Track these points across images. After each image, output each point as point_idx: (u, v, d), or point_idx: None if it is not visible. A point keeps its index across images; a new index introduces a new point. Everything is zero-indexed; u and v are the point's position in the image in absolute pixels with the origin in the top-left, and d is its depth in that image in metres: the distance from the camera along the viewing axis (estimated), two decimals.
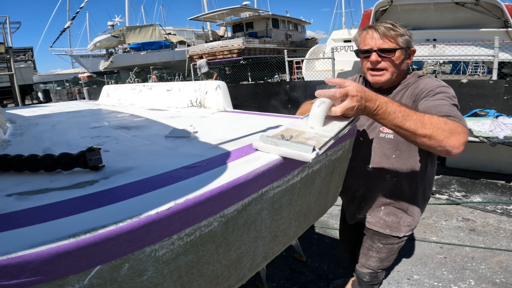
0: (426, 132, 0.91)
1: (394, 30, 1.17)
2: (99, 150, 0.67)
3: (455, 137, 0.92)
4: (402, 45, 1.18)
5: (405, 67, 1.24)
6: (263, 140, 0.78)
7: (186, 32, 27.43)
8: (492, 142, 3.19)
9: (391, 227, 1.37)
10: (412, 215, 1.35)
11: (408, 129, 0.90)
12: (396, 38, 1.17)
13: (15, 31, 10.15)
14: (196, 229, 0.56)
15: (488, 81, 4.24)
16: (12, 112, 2.02)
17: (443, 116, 0.97)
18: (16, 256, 0.36)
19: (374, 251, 1.45)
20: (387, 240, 1.39)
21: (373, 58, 1.19)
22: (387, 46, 1.17)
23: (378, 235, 1.41)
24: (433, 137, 0.91)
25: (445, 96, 1.10)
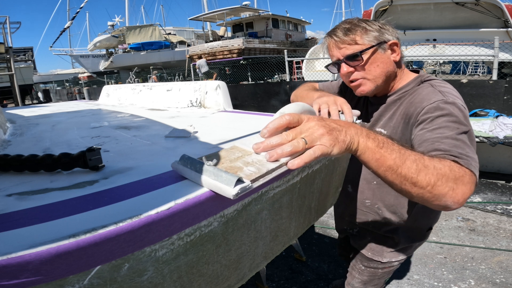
0: (429, 180, 0.65)
1: (351, 30, 0.95)
2: (99, 150, 0.67)
3: (461, 188, 0.68)
4: (369, 44, 0.94)
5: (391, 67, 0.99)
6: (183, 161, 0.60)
7: (186, 32, 27.44)
8: (492, 142, 3.20)
9: (373, 251, 1.22)
10: (399, 242, 1.17)
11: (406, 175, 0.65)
12: (355, 38, 0.95)
13: (15, 31, 10.17)
14: (196, 229, 0.56)
15: (488, 81, 4.24)
16: (12, 112, 2.02)
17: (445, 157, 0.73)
18: (16, 256, 0.36)
19: (356, 271, 1.32)
20: (369, 263, 1.25)
21: (344, 71, 0.99)
22: (349, 52, 0.95)
23: (360, 255, 1.28)
24: (435, 188, 0.66)
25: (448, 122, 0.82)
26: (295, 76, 11.30)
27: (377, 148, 0.64)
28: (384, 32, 0.97)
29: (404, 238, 1.16)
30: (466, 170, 0.71)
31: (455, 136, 0.79)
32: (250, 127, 1.11)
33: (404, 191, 0.69)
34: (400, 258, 1.21)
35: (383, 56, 0.97)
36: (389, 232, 1.17)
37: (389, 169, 0.65)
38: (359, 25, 0.96)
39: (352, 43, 0.95)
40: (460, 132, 0.80)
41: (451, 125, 0.81)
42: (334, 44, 0.99)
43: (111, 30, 23.42)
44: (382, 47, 0.96)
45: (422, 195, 0.67)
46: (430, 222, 1.18)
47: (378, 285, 1.31)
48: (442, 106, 0.86)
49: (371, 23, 0.97)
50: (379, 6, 7.32)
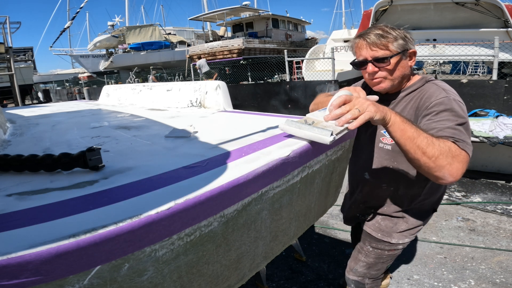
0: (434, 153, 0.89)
1: (384, 37, 1.11)
2: (99, 150, 0.67)
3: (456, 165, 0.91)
4: (397, 51, 1.11)
5: (407, 71, 1.18)
6: (288, 123, 0.92)
7: (186, 32, 27.43)
8: (492, 142, 3.20)
9: (383, 231, 1.34)
10: (408, 222, 1.31)
11: (419, 145, 0.89)
12: (387, 45, 1.11)
13: (15, 31, 10.16)
14: (196, 229, 0.56)
15: (488, 81, 4.24)
16: (12, 112, 2.02)
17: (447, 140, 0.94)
18: (16, 256, 0.36)
19: (363, 254, 1.41)
20: (378, 244, 1.36)
21: (370, 69, 1.15)
22: (379, 55, 1.11)
23: (369, 237, 1.38)
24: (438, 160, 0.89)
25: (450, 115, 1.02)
26: (295, 76, 11.29)
27: (402, 122, 0.91)
28: (408, 41, 1.14)
29: (413, 218, 1.31)
30: (461, 151, 0.93)
31: (454, 126, 0.99)
32: (250, 127, 1.11)
33: (415, 159, 0.92)
34: (406, 241, 1.34)
35: (404, 62, 1.15)
36: (401, 213, 1.31)
37: (408, 139, 0.91)
38: (390, 33, 1.12)
39: (383, 48, 1.11)
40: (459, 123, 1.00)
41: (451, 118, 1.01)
42: (366, 45, 1.14)
43: (111, 30, 23.41)
44: (405, 54, 1.14)
45: (428, 164, 0.91)
46: (435, 204, 1.33)
47: (380, 270, 1.41)
48: (446, 102, 1.05)
49: (399, 32, 1.13)
50: (379, 6, 7.33)
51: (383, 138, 1.25)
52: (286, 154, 0.77)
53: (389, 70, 1.14)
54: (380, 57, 1.11)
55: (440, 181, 0.94)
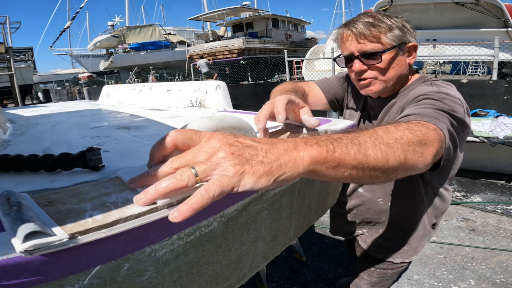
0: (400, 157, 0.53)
1: (375, 26, 0.87)
2: (99, 150, 0.67)
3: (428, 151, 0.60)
4: (392, 44, 0.88)
5: (404, 71, 0.95)
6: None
7: (186, 32, 27.44)
8: (492, 142, 3.20)
9: (384, 252, 1.18)
10: (410, 243, 1.14)
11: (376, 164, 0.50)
12: (379, 36, 0.87)
13: (15, 31, 10.17)
14: (196, 229, 0.56)
15: (488, 81, 4.24)
16: (12, 112, 2.02)
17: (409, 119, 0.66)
18: (16, 256, 0.36)
19: (366, 273, 1.26)
20: (379, 264, 1.20)
21: (357, 68, 0.91)
22: (368, 49, 0.88)
23: (370, 258, 1.22)
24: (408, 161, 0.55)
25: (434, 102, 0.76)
26: (295, 76, 11.30)
27: (328, 153, 0.45)
28: (406, 32, 0.90)
29: (415, 236, 1.13)
30: (428, 125, 0.63)
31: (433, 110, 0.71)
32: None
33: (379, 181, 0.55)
34: (409, 260, 1.18)
35: (400, 59, 0.92)
36: (400, 231, 1.14)
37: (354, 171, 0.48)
38: (383, 21, 0.88)
39: (374, 40, 0.87)
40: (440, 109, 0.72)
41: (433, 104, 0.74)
42: (353, 36, 0.89)
43: (111, 30, 23.43)
44: (402, 48, 0.90)
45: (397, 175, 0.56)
46: (436, 218, 1.14)
47: (385, 286, 1.27)
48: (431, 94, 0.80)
49: (395, 20, 0.89)
50: (379, 6, 7.33)
51: None
52: None
53: (381, 68, 0.90)
54: (369, 51, 0.88)
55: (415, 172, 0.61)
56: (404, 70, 0.94)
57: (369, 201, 1.15)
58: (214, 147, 0.41)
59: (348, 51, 0.92)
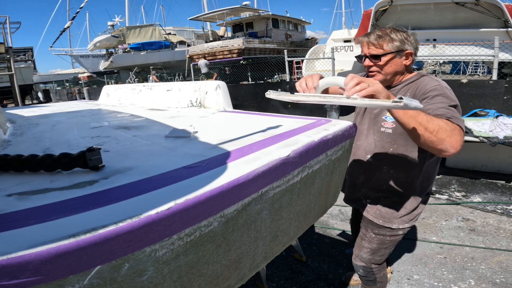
0: (434, 127, 1.03)
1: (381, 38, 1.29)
2: (99, 150, 0.67)
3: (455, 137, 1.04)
4: (390, 50, 1.29)
5: (400, 68, 1.34)
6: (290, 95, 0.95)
7: (186, 32, 27.42)
8: (492, 142, 3.19)
9: (385, 218, 1.44)
10: (407, 208, 1.41)
11: (421, 122, 1.02)
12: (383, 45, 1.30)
13: (15, 31, 10.15)
14: (196, 229, 0.56)
15: (488, 81, 4.24)
16: (12, 112, 2.02)
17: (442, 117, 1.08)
18: (16, 256, 0.36)
19: (366, 240, 1.52)
20: (380, 230, 1.46)
21: (366, 63, 1.35)
22: (374, 53, 1.31)
23: (371, 224, 1.48)
24: (438, 134, 1.02)
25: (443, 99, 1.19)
26: (295, 76, 11.29)
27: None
28: (406, 42, 1.30)
29: (411, 202, 1.41)
30: (456, 126, 1.07)
31: (447, 107, 1.15)
32: (250, 127, 1.11)
33: (418, 135, 1.04)
34: (406, 226, 1.43)
35: (397, 61, 1.31)
36: (400, 197, 1.41)
37: (410, 117, 1.02)
38: (388, 35, 1.29)
39: (378, 47, 1.30)
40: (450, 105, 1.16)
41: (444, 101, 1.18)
42: (366, 43, 1.33)
43: (111, 30, 23.40)
44: (399, 54, 1.30)
45: (430, 138, 1.03)
46: (430, 186, 1.45)
47: (384, 255, 1.52)
48: (439, 88, 1.22)
49: (398, 34, 1.29)
50: (379, 6, 7.32)
51: (384, 123, 1.38)
52: (286, 154, 0.77)
53: (381, 66, 1.32)
54: (374, 54, 1.31)
55: (443, 153, 1.07)
56: (399, 69, 1.34)
57: (376, 169, 1.43)
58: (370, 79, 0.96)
59: (363, 53, 1.35)
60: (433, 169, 1.41)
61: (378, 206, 1.46)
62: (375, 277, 1.58)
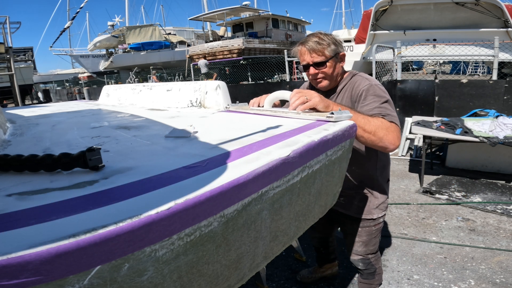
0: (371, 128, 1.14)
1: (320, 44, 1.34)
2: (99, 150, 0.67)
3: (391, 134, 1.17)
4: (331, 55, 1.35)
5: (340, 70, 1.43)
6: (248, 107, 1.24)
7: (186, 32, 27.42)
8: (492, 142, 3.19)
9: (364, 211, 1.53)
10: (378, 197, 1.52)
11: (359, 124, 1.11)
12: (323, 51, 1.34)
13: (15, 31, 10.15)
14: (196, 229, 0.56)
15: (488, 81, 4.24)
16: (12, 112, 2.02)
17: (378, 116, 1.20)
18: (16, 256, 0.36)
19: (355, 235, 1.59)
20: (363, 223, 1.55)
21: (312, 72, 1.39)
22: (318, 60, 1.36)
23: (355, 220, 1.56)
24: (376, 133, 1.14)
25: (375, 97, 1.30)
26: (295, 76, 11.29)
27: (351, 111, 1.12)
28: (338, 45, 1.38)
29: (379, 192, 1.53)
30: (391, 123, 1.19)
31: (379, 105, 1.27)
32: (250, 127, 1.11)
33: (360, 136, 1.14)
34: (383, 214, 1.55)
35: (337, 64, 1.41)
36: (368, 189, 1.51)
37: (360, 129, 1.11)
38: (324, 40, 1.35)
39: (320, 54, 1.35)
40: (382, 102, 1.28)
41: (376, 99, 1.30)
42: (307, 51, 1.37)
43: (111, 30, 23.41)
44: (337, 57, 1.39)
45: (370, 138, 1.15)
46: (387, 175, 1.58)
47: (376, 244, 1.62)
48: (369, 88, 1.34)
49: (330, 38, 1.37)
50: (379, 6, 7.33)
51: None
52: (286, 154, 0.77)
53: (325, 71, 1.38)
54: (318, 61, 1.36)
55: (386, 150, 1.20)
56: (340, 70, 1.44)
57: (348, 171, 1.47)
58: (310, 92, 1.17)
59: (305, 62, 1.40)
60: (386, 159, 1.53)
61: (354, 202, 1.54)
62: (374, 268, 1.66)
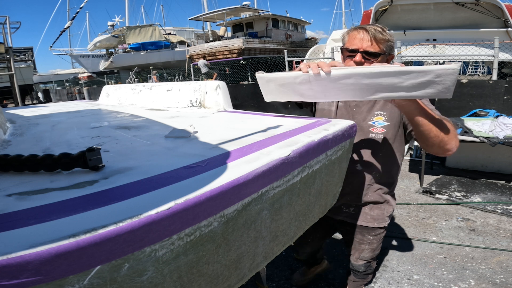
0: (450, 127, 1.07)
1: (382, 35, 1.20)
2: (99, 150, 0.67)
3: (457, 137, 1.10)
4: (386, 51, 1.21)
5: None
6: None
7: (186, 32, 27.43)
8: (492, 142, 3.19)
9: (378, 220, 1.47)
10: (392, 205, 1.48)
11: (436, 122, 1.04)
12: (382, 43, 1.20)
13: (15, 31, 10.14)
14: (196, 229, 0.56)
15: (488, 81, 4.24)
16: (12, 112, 2.02)
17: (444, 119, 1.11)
18: (16, 256, 0.36)
19: (366, 244, 1.54)
20: (376, 231, 1.50)
21: (357, 59, 1.21)
22: (372, 50, 1.19)
23: (367, 229, 1.50)
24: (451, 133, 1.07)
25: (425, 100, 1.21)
26: None
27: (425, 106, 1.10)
28: (393, 47, 1.26)
29: (393, 200, 1.49)
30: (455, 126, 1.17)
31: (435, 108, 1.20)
32: (250, 127, 1.11)
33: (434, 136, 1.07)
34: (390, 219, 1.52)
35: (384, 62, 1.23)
36: (386, 197, 1.45)
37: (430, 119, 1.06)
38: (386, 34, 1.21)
39: (378, 45, 1.20)
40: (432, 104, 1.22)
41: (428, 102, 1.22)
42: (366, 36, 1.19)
43: (111, 30, 23.42)
44: (387, 56, 1.25)
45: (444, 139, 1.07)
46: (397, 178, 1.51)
47: (379, 248, 1.58)
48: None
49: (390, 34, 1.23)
50: (379, 6, 7.33)
51: (373, 129, 1.33)
52: (286, 154, 0.77)
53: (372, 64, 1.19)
54: (372, 51, 1.19)
55: (447, 153, 1.11)
56: None
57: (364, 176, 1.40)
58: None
59: (355, 47, 1.21)
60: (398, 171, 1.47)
61: (367, 210, 1.47)
62: (372, 269, 1.66)
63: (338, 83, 0.95)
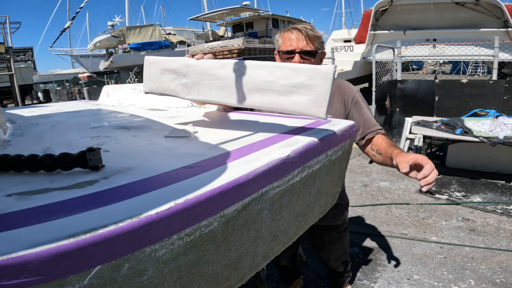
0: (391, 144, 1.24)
1: (314, 32, 1.20)
2: (99, 150, 0.67)
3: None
4: (320, 48, 1.22)
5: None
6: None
7: (186, 32, 27.45)
8: (492, 142, 3.19)
9: (339, 217, 1.57)
10: (345, 199, 1.58)
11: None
12: (315, 40, 1.21)
13: (15, 31, 10.15)
14: (196, 229, 0.56)
15: (488, 81, 4.24)
16: (12, 112, 2.02)
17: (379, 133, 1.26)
18: (16, 256, 0.36)
19: (336, 242, 1.64)
20: (340, 228, 1.60)
21: (296, 60, 1.20)
22: (309, 49, 1.20)
23: (332, 228, 1.59)
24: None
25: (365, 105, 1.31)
26: None
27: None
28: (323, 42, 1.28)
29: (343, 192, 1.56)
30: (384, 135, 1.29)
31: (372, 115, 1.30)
32: (250, 127, 1.11)
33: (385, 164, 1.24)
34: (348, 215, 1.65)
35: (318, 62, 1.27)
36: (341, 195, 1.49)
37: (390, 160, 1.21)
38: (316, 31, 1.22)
39: (311, 43, 1.20)
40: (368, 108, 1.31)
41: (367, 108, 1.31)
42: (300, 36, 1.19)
43: (111, 30, 23.43)
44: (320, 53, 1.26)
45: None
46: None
47: (348, 245, 1.71)
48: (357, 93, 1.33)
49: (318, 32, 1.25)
50: (379, 6, 7.33)
51: None
52: (286, 154, 0.77)
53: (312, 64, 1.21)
54: (309, 50, 1.20)
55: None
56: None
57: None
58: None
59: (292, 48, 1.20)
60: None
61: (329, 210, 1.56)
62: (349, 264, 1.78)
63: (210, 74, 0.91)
